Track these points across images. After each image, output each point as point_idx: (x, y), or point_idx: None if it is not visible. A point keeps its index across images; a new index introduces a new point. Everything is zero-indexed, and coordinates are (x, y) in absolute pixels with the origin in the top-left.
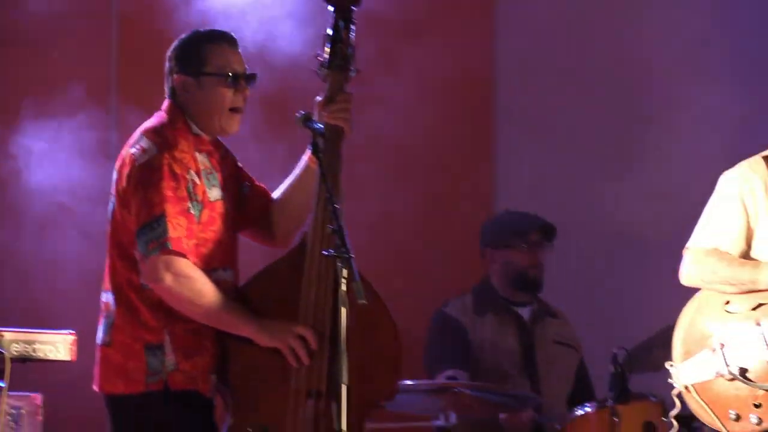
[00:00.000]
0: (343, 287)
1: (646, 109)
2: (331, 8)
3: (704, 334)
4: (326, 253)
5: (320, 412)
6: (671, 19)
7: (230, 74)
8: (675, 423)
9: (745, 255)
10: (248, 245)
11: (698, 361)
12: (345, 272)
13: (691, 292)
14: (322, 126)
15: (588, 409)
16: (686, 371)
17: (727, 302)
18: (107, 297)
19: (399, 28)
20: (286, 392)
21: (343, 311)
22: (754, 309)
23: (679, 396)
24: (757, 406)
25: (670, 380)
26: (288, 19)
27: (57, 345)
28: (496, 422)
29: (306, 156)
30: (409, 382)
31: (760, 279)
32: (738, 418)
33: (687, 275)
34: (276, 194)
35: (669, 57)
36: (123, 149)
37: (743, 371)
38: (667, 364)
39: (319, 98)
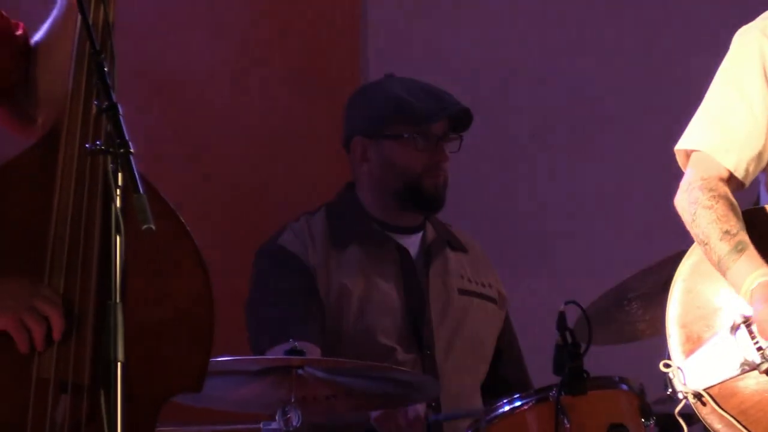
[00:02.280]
0: (118, 203)
1: None
2: None
3: (714, 307)
4: (90, 147)
5: (82, 413)
6: None
7: None
8: None
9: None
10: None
11: (711, 350)
12: (120, 178)
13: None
14: None
15: (519, 403)
16: (694, 370)
17: (743, 248)
18: None
19: None
20: (27, 385)
21: (118, 241)
22: None
23: (686, 415)
24: None
25: (669, 391)
26: None
27: None
28: (365, 425)
29: None
30: (225, 359)
31: (734, 278)
32: None
33: (677, 198)
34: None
35: None
36: None
37: None
38: (661, 366)
39: None
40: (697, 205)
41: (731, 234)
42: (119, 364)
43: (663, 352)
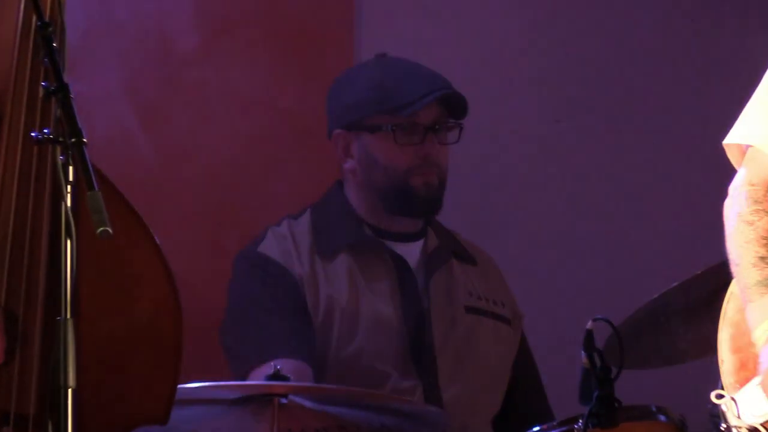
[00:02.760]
0: (69, 201)
1: None
2: None
3: None
4: (36, 136)
5: None
6: None
7: None
8: None
9: None
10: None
11: None
12: (71, 173)
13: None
14: None
15: None
16: (750, 401)
17: None
18: None
19: None
20: None
21: (69, 247)
22: None
23: None
24: None
25: (722, 426)
26: None
27: None
28: None
29: None
30: (195, 386)
31: (753, 314)
32: None
33: (725, 203)
34: None
35: None
36: None
37: None
38: (713, 397)
39: None
40: (738, 218)
41: (766, 262)
42: (70, 390)
43: (708, 378)
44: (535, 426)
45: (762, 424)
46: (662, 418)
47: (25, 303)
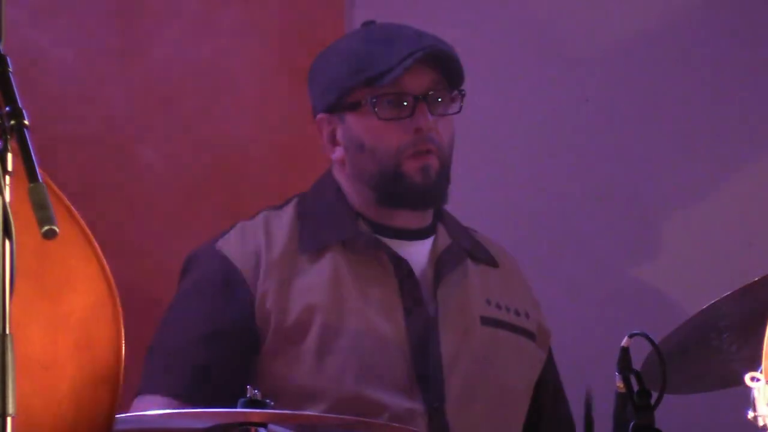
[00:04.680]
0: (8, 195)
1: None
2: None
3: None
4: None
5: None
6: None
7: None
8: None
9: None
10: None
11: None
12: (9, 161)
13: None
14: None
15: None
16: None
17: None
18: None
19: None
20: None
21: (7, 249)
22: None
23: None
24: None
25: (750, 414)
26: None
27: None
28: None
29: None
30: (153, 414)
31: None
32: None
33: None
34: None
35: None
36: None
37: None
38: (747, 379)
39: None
40: None
41: None
42: (9, 419)
43: None
44: None
45: None
46: None
47: None
